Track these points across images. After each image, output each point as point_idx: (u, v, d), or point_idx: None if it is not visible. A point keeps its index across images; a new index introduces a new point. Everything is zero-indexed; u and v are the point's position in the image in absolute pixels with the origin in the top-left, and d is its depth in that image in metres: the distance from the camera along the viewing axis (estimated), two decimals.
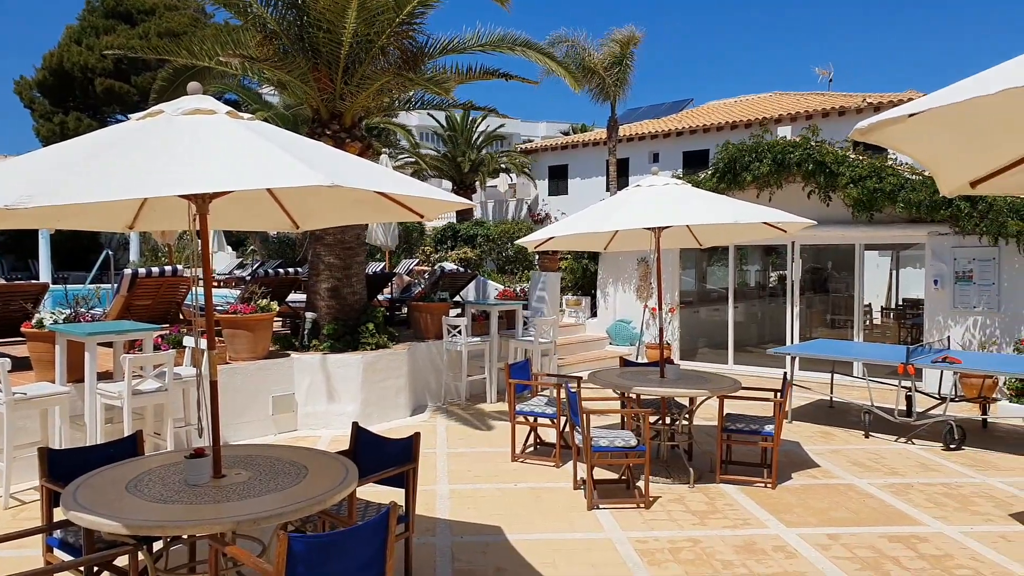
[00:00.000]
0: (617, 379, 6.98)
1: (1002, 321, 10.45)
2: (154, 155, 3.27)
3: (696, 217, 6.35)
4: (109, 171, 3.13)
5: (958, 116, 1.72)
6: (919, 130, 1.80)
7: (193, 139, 3.42)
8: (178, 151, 3.30)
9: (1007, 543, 5.24)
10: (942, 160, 2.09)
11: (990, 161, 2.15)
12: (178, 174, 3.15)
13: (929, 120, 1.65)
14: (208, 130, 3.52)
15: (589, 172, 24.87)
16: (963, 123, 1.85)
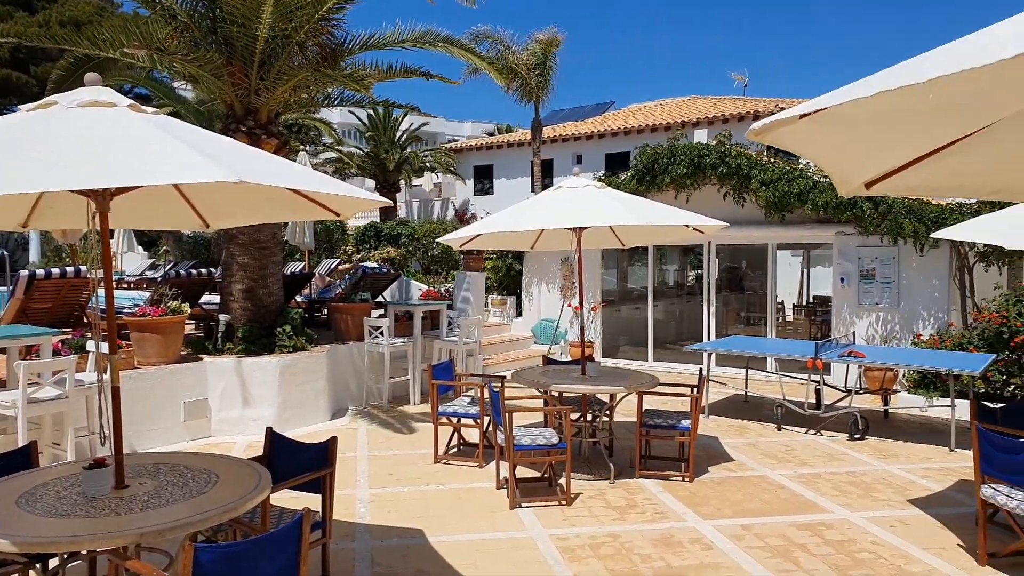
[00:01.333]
0: (539, 378, 7.02)
1: (901, 317, 11.03)
2: (47, 148, 3.09)
3: (615, 218, 6.44)
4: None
5: (848, 118, 1.79)
6: (812, 131, 1.86)
7: (90, 132, 3.25)
8: (73, 144, 3.13)
9: (904, 527, 5.52)
10: (836, 161, 2.17)
11: (882, 163, 2.25)
12: (73, 168, 2.98)
13: (820, 121, 1.71)
14: (107, 123, 3.35)
15: (514, 172, 24.97)
16: (854, 125, 1.92)
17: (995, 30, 1.44)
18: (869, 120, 1.89)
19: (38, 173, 2.91)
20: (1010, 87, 1.80)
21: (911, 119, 1.95)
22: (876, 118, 1.88)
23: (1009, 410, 5.88)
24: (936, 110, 1.94)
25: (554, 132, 24.05)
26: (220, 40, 8.36)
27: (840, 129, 1.93)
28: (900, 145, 2.18)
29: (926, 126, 2.06)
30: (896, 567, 4.81)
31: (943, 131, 2.12)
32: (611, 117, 25.40)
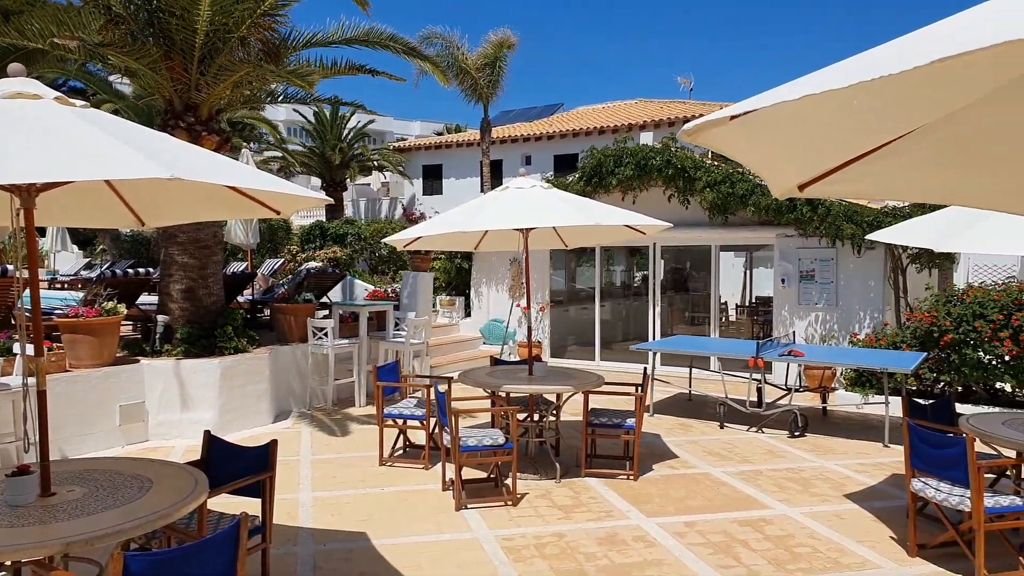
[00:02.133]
0: (487, 378, 7.01)
1: (839, 316, 11.35)
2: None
3: (560, 219, 6.47)
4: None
5: (778, 120, 1.82)
6: (744, 133, 1.89)
7: (13, 125, 3.12)
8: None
9: (840, 520, 5.68)
10: (769, 163, 2.20)
11: (814, 165, 2.30)
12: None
13: (751, 123, 1.73)
14: (32, 116, 3.22)
15: (463, 172, 24.92)
16: (784, 127, 1.96)
17: (925, 33, 1.48)
18: (798, 123, 1.93)
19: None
20: (929, 93, 1.86)
21: (838, 123, 2.00)
22: (805, 121, 1.92)
23: (938, 406, 6.10)
24: (863, 114, 1.99)
25: (504, 133, 24.08)
26: (158, 33, 8.12)
27: (771, 131, 1.96)
28: (830, 148, 2.23)
29: (853, 130, 2.12)
30: (832, 560, 4.94)
31: (870, 136, 2.18)
32: (560, 119, 25.57)
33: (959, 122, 2.04)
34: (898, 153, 2.21)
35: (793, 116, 1.80)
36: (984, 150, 2.27)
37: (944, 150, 2.21)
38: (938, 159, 2.29)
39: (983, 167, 2.37)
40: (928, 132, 2.12)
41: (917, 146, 2.17)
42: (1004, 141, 2.21)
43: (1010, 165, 2.30)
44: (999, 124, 2.13)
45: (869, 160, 2.26)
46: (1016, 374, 9.06)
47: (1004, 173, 2.37)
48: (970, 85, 1.80)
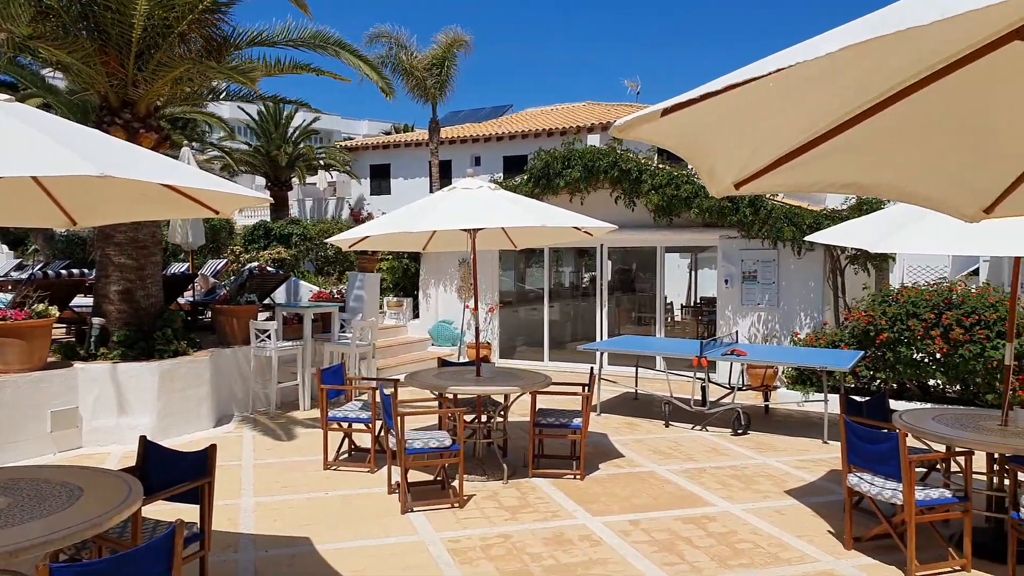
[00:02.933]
0: (433, 380, 6.96)
1: (781, 316, 11.63)
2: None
3: (508, 219, 6.47)
4: None
5: (709, 115, 1.84)
6: (677, 128, 1.90)
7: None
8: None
9: (781, 516, 5.81)
10: (705, 159, 2.23)
11: (750, 163, 2.34)
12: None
13: (683, 118, 1.75)
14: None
15: (412, 172, 24.75)
16: (716, 123, 1.98)
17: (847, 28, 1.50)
18: (729, 118, 1.95)
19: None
20: (850, 84, 1.91)
21: (769, 119, 2.04)
22: (735, 117, 1.95)
23: (873, 403, 6.30)
24: (792, 110, 2.04)
25: (453, 133, 24.01)
26: (92, 26, 7.85)
27: (704, 127, 1.98)
28: (763, 145, 2.27)
29: (784, 126, 2.16)
30: (772, 555, 5.05)
31: (801, 132, 2.23)
32: (509, 120, 25.62)
33: (886, 117, 2.10)
34: (831, 149, 2.26)
35: (722, 111, 1.82)
36: (910, 144, 2.35)
37: (872, 145, 2.27)
38: (868, 153, 2.35)
39: (911, 161, 2.45)
40: (860, 128, 2.17)
41: (849, 142, 2.23)
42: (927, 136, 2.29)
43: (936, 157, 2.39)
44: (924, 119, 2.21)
45: (803, 158, 2.31)
46: (946, 371, 9.41)
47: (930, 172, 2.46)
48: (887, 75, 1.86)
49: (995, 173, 2.59)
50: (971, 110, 2.22)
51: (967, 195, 2.71)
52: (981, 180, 2.64)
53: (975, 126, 2.31)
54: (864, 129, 2.15)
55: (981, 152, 2.45)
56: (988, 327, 9.04)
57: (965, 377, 9.33)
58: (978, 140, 2.37)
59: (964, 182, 2.65)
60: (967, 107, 2.20)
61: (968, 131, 2.34)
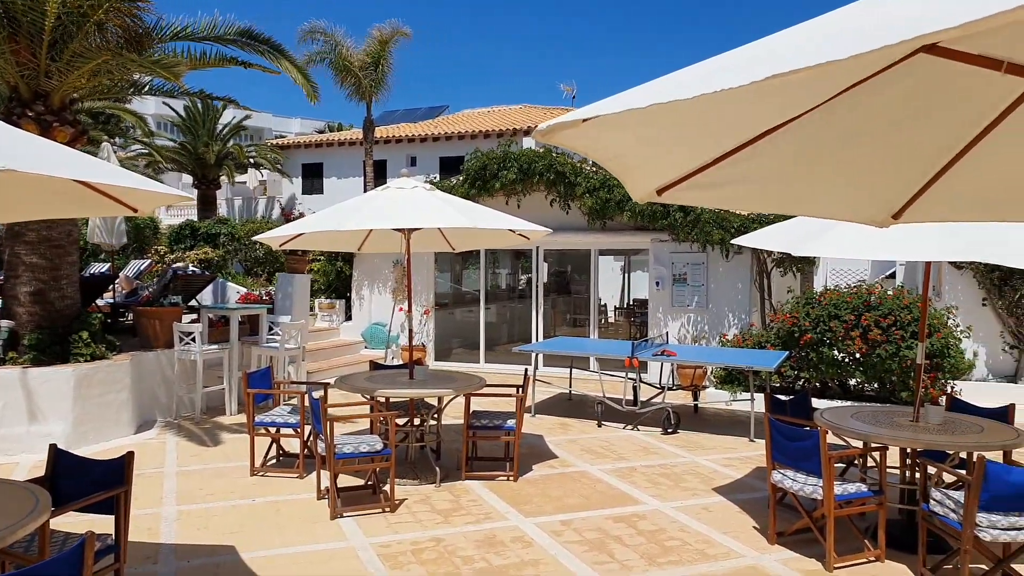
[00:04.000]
0: (365, 383, 6.85)
1: (710, 317, 11.90)
2: None
3: (443, 220, 6.42)
4: None
5: (630, 124, 1.86)
6: (598, 135, 1.91)
7: None
8: None
9: (708, 513, 5.93)
10: (626, 165, 2.25)
11: (670, 170, 2.37)
12: None
13: (604, 126, 1.76)
14: None
15: (345, 172, 24.39)
16: (637, 131, 2.00)
17: (763, 44, 1.54)
18: (650, 127, 1.97)
19: None
20: (767, 105, 1.97)
21: (688, 130, 2.08)
22: (656, 126, 1.97)
23: (796, 402, 6.49)
24: (710, 122, 2.08)
25: (388, 132, 23.77)
26: (0, 13, 7.44)
27: (625, 134, 2.00)
28: (684, 153, 2.31)
29: (703, 137, 2.20)
30: (699, 552, 5.14)
31: (720, 142, 2.27)
32: (445, 120, 25.51)
33: (800, 132, 2.16)
34: (747, 159, 2.31)
35: (644, 121, 1.84)
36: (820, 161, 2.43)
37: (786, 160, 2.34)
38: (782, 168, 2.42)
39: (821, 177, 2.53)
40: (775, 141, 2.23)
41: (762, 154, 2.28)
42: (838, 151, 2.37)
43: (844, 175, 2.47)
44: (835, 135, 2.28)
45: (721, 166, 2.35)
46: (865, 370, 9.79)
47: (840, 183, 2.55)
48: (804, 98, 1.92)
49: (902, 180, 2.70)
50: (875, 120, 2.30)
51: (876, 203, 2.81)
52: (890, 187, 2.74)
53: (880, 135, 2.39)
54: (779, 141, 2.21)
55: (889, 161, 2.55)
56: (903, 328, 9.45)
57: (882, 376, 9.72)
58: (884, 149, 2.46)
59: (874, 189, 2.75)
60: (871, 117, 2.28)
61: (875, 140, 2.42)
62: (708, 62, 1.63)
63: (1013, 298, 11.08)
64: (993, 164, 2.45)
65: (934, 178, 2.63)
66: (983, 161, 2.44)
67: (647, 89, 1.49)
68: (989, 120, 2.30)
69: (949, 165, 2.54)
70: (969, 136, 2.40)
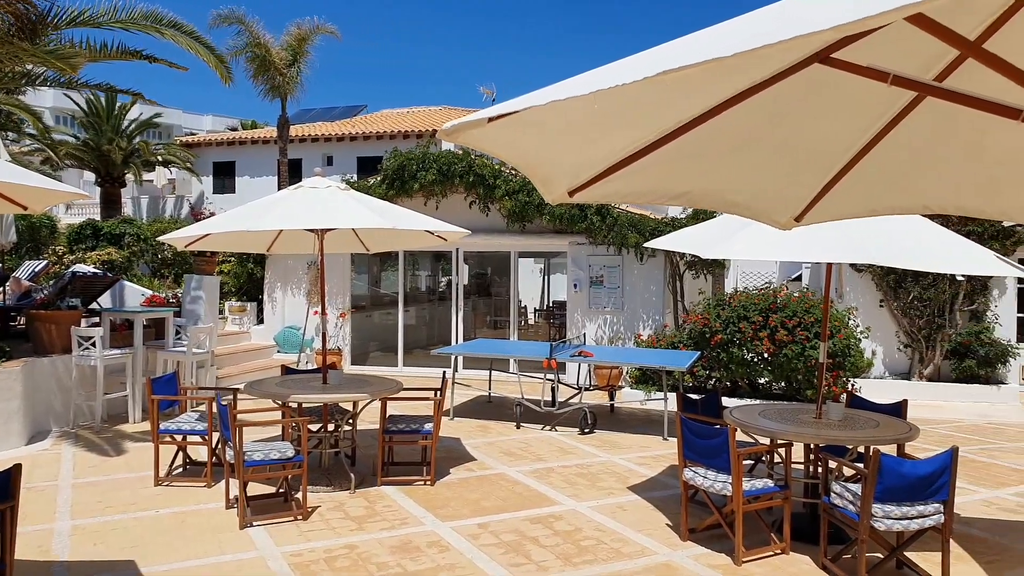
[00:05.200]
0: (276, 388, 6.65)
1: (626, 319, 12.13)
2: None
3: (358, 221, 6.30)
4: None
5: (537, 124, 1.86)
6: (506, 135, 1.90)
7: None
8: None
9: (623, 512, 6.02)
10: (537, 167, 2.25)
11: (581, 171, 2.39)
12: None
13: (511, 126, 1.74)
14: None
15: (259, 171, 23.69)
16: (547, 131, 2.00)
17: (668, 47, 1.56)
18: (559, 127, 1.98)
19: None
20: (673, 108, 2.01)
21: (597, 128, 2.09)
22: (565, 126, 1.97)
23: (707, 401, 6.67)
24: (620, 121, 2.10)
25: (304, 131, 23.23)
26: None
27: (533, 135, 1.99)
28: (593, 154, 2.32)
29: (613, 136, 2.23)
30: (614, 550, 5.21)
31: (628, 142, 2.30)
32: (363, 120, 25.14)
33: (706, 130, 2.21)
34: (657, 160, 2.35)
35: (551, 119, 1.84)
36: (729, 157, 2.49)
37: (695, 157, 2.39)
38: (692, 165, 2.47)
39: (727, 178, 2.60)
40: (684, 139, 2.27)
41: (673, 152, 2.32)
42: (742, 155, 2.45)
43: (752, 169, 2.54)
44: (739, 139, 2.35)
45: (632, 167, 2.38)
46: (773, 369, 10.17)
47: (744, 185, 2.62)
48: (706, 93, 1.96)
49: (803, 184, 2.81)
50: (778, 125, 2.39)
51: (780, 204, 2.92)
52: (791, 190, 2.85)
53: (783, 140, 2.48)
54: (686, 142, 2.26)
55: (790, 164, 2.65)
56: (807, 329, 9.86)
57: (789, 375, 10.12)
58: (787, 153, 2.55)
59: (777, 192, 2.85)
60: (774, 122, 2.36)
61: (778, 144, 2.51)
62: (616, 63, 1.63)
63: (907, 299, 11.74)
64: (884, 169, 2.57)
65: (832, 181, 2.74)
66: (876, 166, 2.56)
67: (551, 89, 1.49)
68: (879, 128, 2.40)
69: (845, 169, 2.65)
70: (863, 142, 2.51)
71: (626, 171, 2.36)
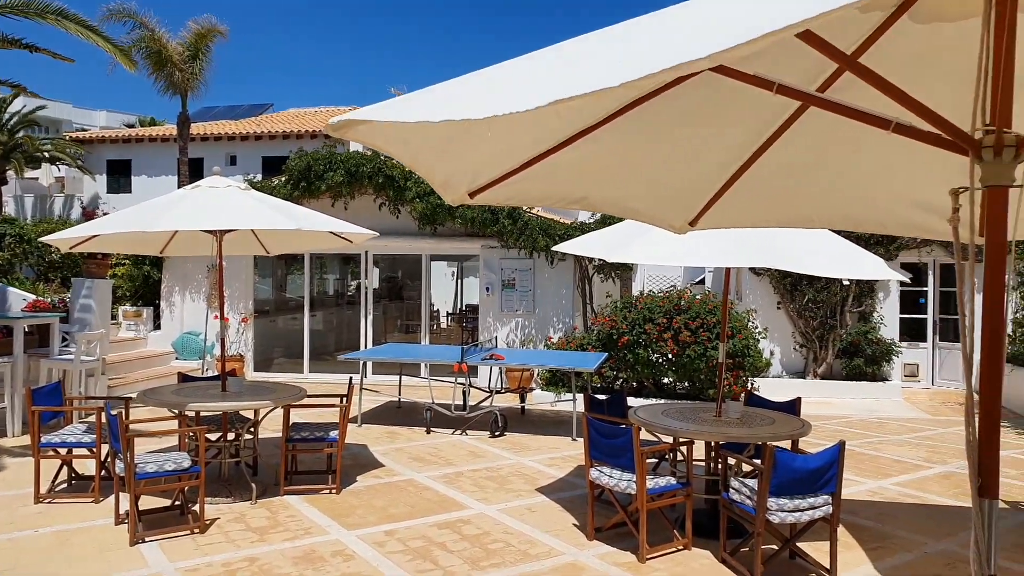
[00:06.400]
0: (172, 397, 6.35)
1: (537, 322, 12.23)
2: None
3: (257, 221, 6.09)
4: None
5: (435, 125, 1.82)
6: (401, 134, 1.86)
7: None
8: None
9: (532, 513, 6.04)
10: (434, 168, 2.22)
11: (480, 173, 2.38)
12: None
13: (406, 126, 1.70)
14: None
15: (157, 170, 22.66)
16: (443, 132, 1.97)
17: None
18: (456, 129, 1.95)
19: None
20: (564, 112, 2.02)
21: (496, 131, 2.08)
22: (462, 127, 1.95)
23: (613, 401, 6.79)
24: (518, 125, 2.09)
25: (206, 130, 22.38)
26: None
27: (429, 135, 1.96)
28: (493, 156, 2.31)
29: (512, 139, 2.22)
30: (522, 552, 5.22)
31: (528, 145, 2.31)
32: (269, 119, 24.44)
33: (603, 136, 2.24)
34: (555, 163, 2.36)
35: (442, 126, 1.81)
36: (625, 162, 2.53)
37: (594, 162, 2.42)
38: (591, 170, 2.50)
39: (627, 182, 2.65)
40: (579, 145, 2.29)
41: (569, 158, 2.34)
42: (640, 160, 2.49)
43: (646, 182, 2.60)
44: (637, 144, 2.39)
45: (531, 170, 2.38)
46: (677, 370, 10.46)
47: (642, 189, 2.68)
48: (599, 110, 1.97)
49: (697, 190, 2.89)
50: (672, 131, 2.44)
51: (675, 209, 2.99)
52: (686, 196, 2.93)
53: (676, 146, 2.54)
54: (584, 147, 2.28)
55: (684, 170, 2.71)
56: (709, 330, 10.20)
57: (692, 375, 10.44)
58: (680, 159, 2.62)
59: (672, 197, 2.92)
60: (668, 129, 2.41)
61: (672, 151, 2.57)
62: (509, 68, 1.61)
63: (802, 302, 12.33)
64: (772, 175, 2.67)
65: (724, 187, 2.83)
66: (762, 176, 2.65)
67: (448, 89, 1.46)
68: (765, 138, 2.49)
69: (735, 177, 2.74)
70: (750, 151, 2.60)
71: (525, 174, 2.37)
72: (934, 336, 12.86)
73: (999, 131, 1.68)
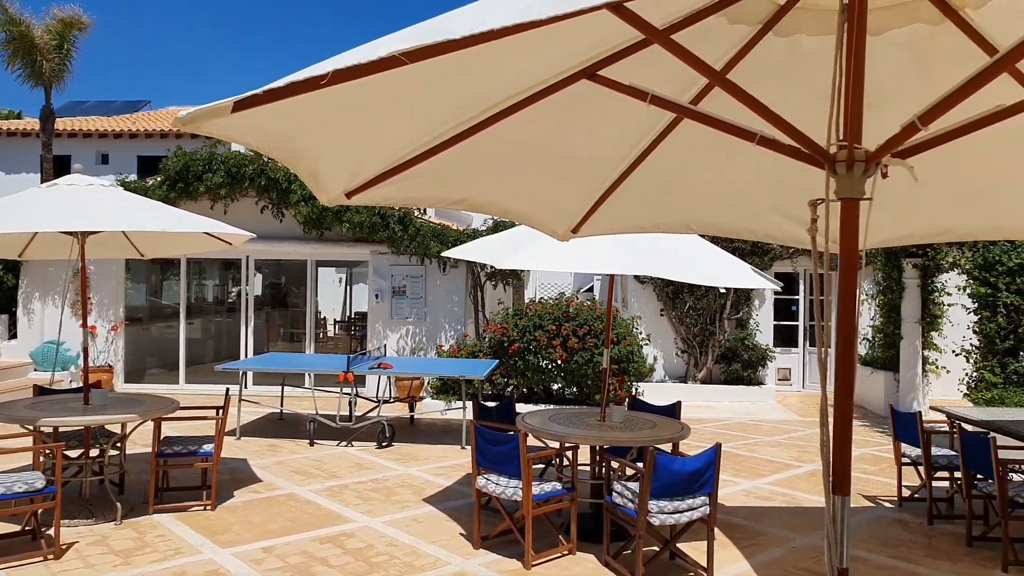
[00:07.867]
0: (25, 411, 5.84)
1: (428, 329, 12.11)
2: None
3: (122, 222, 5.70)
4: None
5: (300, 115, 1.73)
6: (262, 126, 1.75)
7: None
8: None
9: (418, 524, 5.94)
10: (305, 164, 2.11)
11: (358, 172, 2.30)
12: None
13: (268, 116, 1.61)
14: None
15: (17, 167, 20.99)
16: (312, 125, 1.88)
17: None
18: (325, 121, 1.87)
19: None
20: (448, 101, 1.98)
21: (370, 126, 2.02)
22: (331, 119, 1.87)
23: (501, 407, 6.80)
24: (393, 119, 2.04)
25: (75, 125, 20.94)
26: None
27: (295, 128, 1.86)
28: (369, 154, 2.24)
29: (388, 136, 2.16)
30: (407, 564, 5.11)
31: (405, 145, 2.25)
32: (146, 116, 23.14)
33: (483, 139, 2.22)
34: (436, 162, 2.31)
35: (313, 112, 1.72)
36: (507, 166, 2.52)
37: (474, 164, 2.39)
38: (472, 172, 2.47)
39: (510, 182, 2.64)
40: (459, 148, 2.26)
41: (451, 159, 2.30)
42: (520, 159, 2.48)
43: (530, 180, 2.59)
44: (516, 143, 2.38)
45: (412, 172, 2.33)
46: (566, 375, 10.62)
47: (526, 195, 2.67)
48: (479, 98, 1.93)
49: (578, 196, 2.92)
50: (553, 137, 2.45)
51: (557, 216, 3.01)
52: (567, 202, 2.95)
53: (558, 152, 2.56)
54: (463, 149, 2.24)
55: (565, 177, 2.73)
56: (596, 336, 10.42)
57: (580, 380, 10.63)
58: (562, 165, 2.64)
59: (554, 204, 2.94)
60: (549, 134, 2.42)
61: (553, 157, 2.58)
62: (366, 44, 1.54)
63: (683, 309, 12.80)
64: (649, 185, 2.73)
65: (604, 196, 2.87)
66: (641, 182, 2.70)
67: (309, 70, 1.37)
68: (644, 146, 2.54)
69: (616, 184, 2.79)
70: (630, 159, 2.65)
71: (404, 175, 2.30)
72: (805, 342, 13.66)
73: (851, 147, 1.77)
